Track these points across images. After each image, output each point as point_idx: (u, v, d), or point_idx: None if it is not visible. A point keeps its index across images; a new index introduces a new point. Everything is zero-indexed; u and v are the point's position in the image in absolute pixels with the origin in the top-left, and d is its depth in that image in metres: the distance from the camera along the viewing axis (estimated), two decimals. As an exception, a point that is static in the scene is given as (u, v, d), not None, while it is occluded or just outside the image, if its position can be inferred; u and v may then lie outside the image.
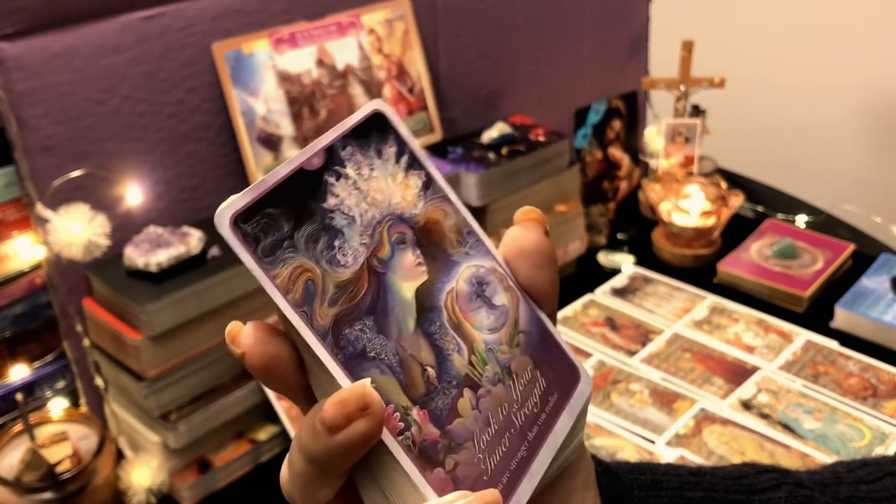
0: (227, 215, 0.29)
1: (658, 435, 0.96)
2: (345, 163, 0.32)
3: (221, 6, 0.98)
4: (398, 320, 0.31)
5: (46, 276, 0.92)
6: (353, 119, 0.33)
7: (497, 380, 0.33)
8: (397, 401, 0.30)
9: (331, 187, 0.31)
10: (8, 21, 0.83)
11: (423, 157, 0.34)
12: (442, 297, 0.33)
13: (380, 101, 0.34)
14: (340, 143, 0.32)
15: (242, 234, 0.29)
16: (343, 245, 0.31)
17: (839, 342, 1.08)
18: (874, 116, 1.89)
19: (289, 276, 0.29)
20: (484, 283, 0.34)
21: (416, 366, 0.31)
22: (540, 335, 0.35)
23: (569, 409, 0.35)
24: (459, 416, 0.31)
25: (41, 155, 0.88)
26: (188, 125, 0.98)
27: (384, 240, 0.32)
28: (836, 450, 0.92)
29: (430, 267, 0.33)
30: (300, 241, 0.30)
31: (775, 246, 1.25)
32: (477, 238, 0.35)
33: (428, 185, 0.34)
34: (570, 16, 1.36)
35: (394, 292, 0.31)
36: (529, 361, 0.34)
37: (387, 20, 1.11)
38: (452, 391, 0.31)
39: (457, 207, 0.35)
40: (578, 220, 1.23)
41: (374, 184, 0.32)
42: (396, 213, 0.33)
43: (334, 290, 0.30)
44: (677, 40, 1.34)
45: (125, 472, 0.89)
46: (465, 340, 0.32)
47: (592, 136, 1.31)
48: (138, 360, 0.87)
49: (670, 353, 1.09)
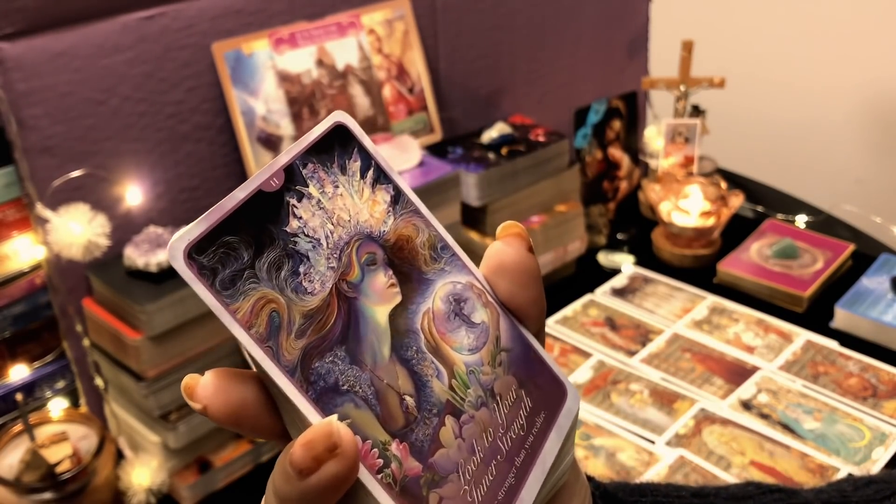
0: (181, 247, 0.27)
1: (658, 435, 0.96)
2: (307, 181, 0.29)
3: (221, 6, 0.98)
4: (372, 348, 0.29)
5: (46, 276, 0.92)
6: (313, 134, 0.31)
7: (480, 403, 0.31)
8: (375, 436, 0.28)
9: (293, 209, 0.29)
10: (8, 21, 0.83)
11: (390, 169, 0.32)
12: (418, 318, 0.30)
13: (341, 113, 0.32)
14: (301, 161, 0.30)
15: (198, 266, 0.27)
16: (309, 271, 0.28)
17: (839, 342, 1.08)
18: (874, 116, 1.89)
19: (251, 308, 0.27)
20: (462, 301, 0.32)
21: (393, 396, 0.29)
22: (523, 352, 0.33)
23: (557, 428, 0.32)
24: (442, 447, 0.29)
25: (41, 155, 0.88)
26: (188, 125, 0.98)
27: (353, 262, 0.30)
28: (835, 450, 0.93)
29: (403, 287, 0.31)
30: (262, 270, 0.28)
31: (775, 246, 1.25)
32: (452, 253, 0.33)
33: (397, 200, 0.32)
34: (570, 16, 1.36)
35: (366, 318, 0.29)
36: (513, 381, 0.32)
37: (387, 20, 1.11)
38: (433, 420, 0.29)
39: (429, 221, 0.33)
40: (578, 220, 1.23)
41: (339, 202, 0.30)
42: (365, 232, 0.30)
43: (301, 321, 0.28)
44: (677, 40, 1.34)
45: (125, 472, 0.89)
46: (444, 364, 0.30)
47: (592, 136, 1.31)
48: (138, 360, 0.87)
49: (670, 354, 1.09)
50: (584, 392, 1.03)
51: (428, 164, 1.10)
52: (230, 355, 0.94)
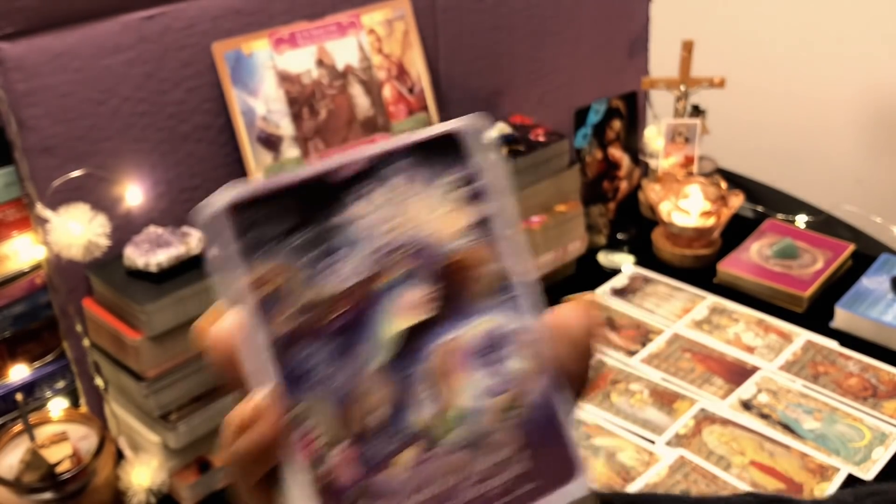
0: (227, 198, 0.27)
1: (658, 435, 0.96)
2: (386, 178, 0.29)
3: (221, 6, 0.98)
4: (365, 353, 0.29)
5: (46, 276, 0.92)
6: (425, 133, 0.30)
7: (461, 446, 0.29)
8: (327, 431, 0.28)
9: (354, 200, 0.29)
10: (8, 21, 0.83)
11: (501, 191, 0.31)
12: (438, 344, 0.29)
13: (474, 118, 0.31)
14: (393, 157, 0.29)
15: (236, 220, 0.27)
16: (339, 262, 0.28)
17: (839, 342, 1.08)
18: (874, 117, 1.89)
19: (263, 274, 0.27)
20: (499, 344, 0.30)
21: (364, 403, 0.28)
22: (546, 417, 0.31)
23: (543, 502, 0.30)
24: (391, 469, 0.28)
25: (41, 155, 0.88)
26: (188, 125, 0.98)
27: (393, 268, 0.29)
28: (835, 450, 0.93)
29: (438, 308, 0.30)
30: (291, 246, 0.28)
31: (775, 246, 1.25)
32: (516, 294, 0.31)
33: (483, 224, 0.30)
34: (570, 16, 1.36)
35: (374, 324, 0.29)
36: (518, 440, 0.30)
37: (387, 20, 1.11)
38: (397, 441, 0.28)
39: (509, 255, 0.31)
40: (578, 220, 1.23)
41: (411, 207, 0.29)
42: (423, 244, 0.30)
43: (306, 304, 0.28)
44: (677, 40, 1.34)
45: (125, 473, 0.89)
46: (442, 395, 0.29)
47: (592, 136, 1.31)
48: (138, 360, 0.87)
49: (670, 354, 1.09)
50: (584, 392, 1.03)
51: (428, 164, 1.10)
52: (230, 355, 0.94)
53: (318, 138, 1.05)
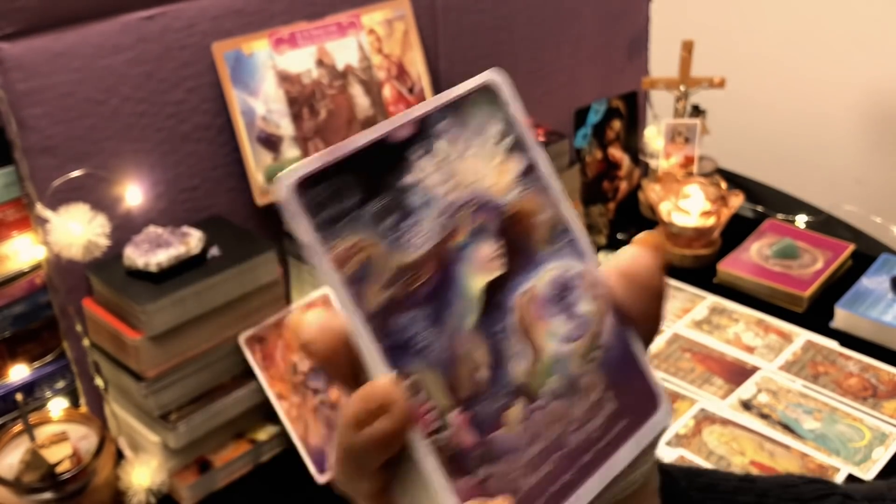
0: (294, 177, 0.27)
1: (658, 435, 0.96)
2: (438, 136, 0.29)
3: (221, 6, 0.98)
4: (458, 314, 0.28)
5: (46, 276, 0.92)
6: (460, 89, 0.30)
7: (558, 394, 0.30)
8: (438, 399, 0.27)
9: (416, 162, 0.29)
10: (8, 21, 0.83)
11: (531, 140, 0.31)
12: (515, 295, 0.30)
13: (494, 72, 0.31)
14: (438, 115, 0.29)
15: (305, 199, 0.27)
16: (415, 225, 0.28)
17: (839, 342, 1.08)
18: (874, 116, 1.89)
19: (346, 250, 0.27)
20: (568, 288, 0.31)
21: (467, 365, 0.28)
22: (622, 354, 0.32)
23: (636, 438, 0.31)
24: (504, 426, 0.29)
25: (41, 155, 0.88)
26: (188, 125, 0.98)
27: (463, 225, 0.29)
28: (835, 450, 0.93)
29: (509, 261, 0.30)
30: (367, 216, 0.27)
31: (775, 246, 1.25)
32: (573, 237, 0.32)
33: (528, 172, 0.31)
34: (570, 16, 1.36)
35: (460, 283, 0.29)
36: (602, 380, 0.31)
37: (387, 20, 1.11)
38: (503, 399, 0.29)
39: (557, 201, 0.32)
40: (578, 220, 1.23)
41: (466, 163, 0.30)
42: (485, 199, 0.30)
43: (394, 273, 0.28)
44: (677, 40, 1.34)
45: (125, 472, 0.89)
46: (531, 346, 0.30)
47: (592, 136, 1.31)
48: (138, 360, 0.87)
49: (670, 353, 1.09)
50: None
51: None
52: (230, 355, 0.94)
53: (318, 138, 1.05)
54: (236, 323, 0.94)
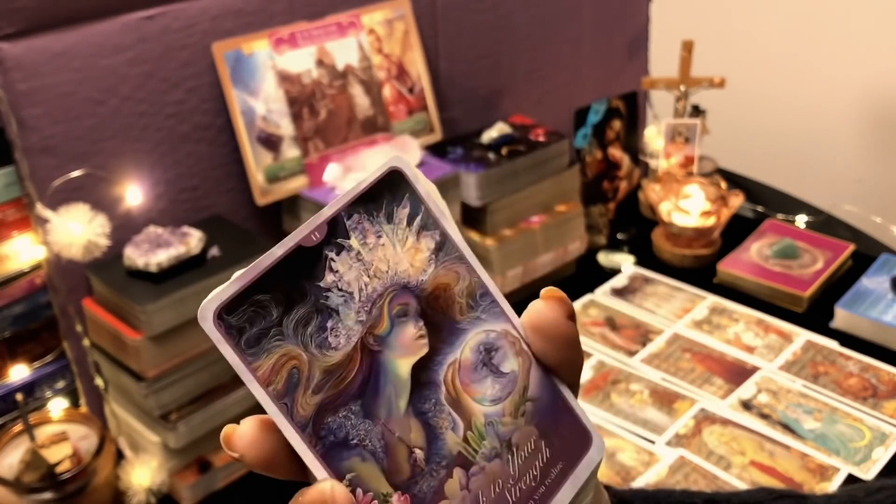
0: (212, 308, 0.28)
1: (658, 435, 0.96)
2: (349, 234, 0.30)
3: (221, 6, 0.98)
4: (388, 401, 0.30)
5: (46, 276, 0.92)
6: (365, 183, 0.31)
7: (493, 455, 0.31)
8: (377, 487, 0.29)
9: (330, 263, 0.30)
10: (8, 21, 0.83)
11: (440, 214, 0.33)
12: (442, 370, 0.31)
13: (398, 158, 0.32)
14: (346, 212, 0.30)
15: (226, 326, 0.28)
16: (336, 325, 0.29)
17: (839, 342, 1.08)
18: (874, 116, 1.89)
19: (272, 367, 0.28)
20: (492, 350, 0.32)
21: (402, 449, 0.30)
22: (551, 401, 0.33)
23: (572, 478, 0.32)
24: (445, 499, 0.30)
25: (41, 155, 0.88)
26: (188, 125, 0.98)
27: (384, 314, 0.30)
28: (835, 450, 0.93)
29: (432, 339, 0.31)
30: (289, 327, 0.28)
31: (775, 246, 1.25)
32: (491, 300, 0.33)
33: (441, 247, 0.32)
34: (570, 16, 1.36)
35: (388, 371, 0.30)
36: (534, 431, 0.32)
37: (387, 20, 1.11)
38: (441, 472, 0.30)
39: (472, 267, 0.33)
40: (578, 220, 1.23)
41: (379, 252, 0.31)
42: (402, 283, 0.31)
43: (321, 377, 0.29)
44: (677, 40, 1.34)
45: (125, 472, 0.89)
46: (462, 416, 0.31)
47: (592, 136, 1.31)
48: (138, 360, 0.87)
49: (670, 354, 1.09)
50: (584, 392, 1.03)
51: (428, 164, 1.10)
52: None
53: (318, 138, 1.05)
54: (236, 323, 0.94)
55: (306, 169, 1.04)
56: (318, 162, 1.05)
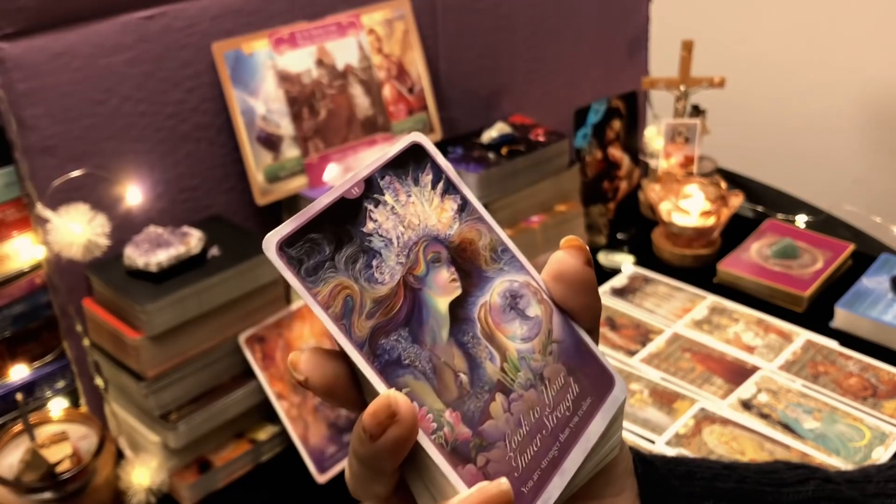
0: (274, 241, 0.32)
1: (658, 435, 0.96)
2: (383, 190, 0.35)
3: (221, 6, 0.98)
4: (432, 331, 0.33)
5: (46, 276, 0.92)
6: (391, 151, 0.36)
7: (529, 385, 0.35)
8: (431, 404, 0.32)
9: (370, 213, 0.34)
10: (8, 21, 0.83)
11: (459, 182, 0.37)
12: (475, 309, 0.35)
13: (417, 134, 0.37)
14: (379, 174, 0.35)
15: (287, 257, 0.32)
16: (380, 264, 0.33)
17: (839, 342, 1.08)
18: (874, 116, 1.89)
19: (329, 293, 0.32)
20: (517, 297, 0.36)
21: (449, 372, 0.33)
22: (574, 344, 0.37)
23: (602, 412, 0.36)
24: (491, 418, 0.33)
25: (41, 155, 0.88)
26: (188, 125, 0.98)
27: (420, 259, 0.35)
28: (835, 449, 0.93)
29: (464, 282, 0.35)
30: (340, 262, 0.33)
31: (775, 246, 1.25)
32: (511, 255, 0.37)
33: (463, 208, 0.37)
34: (570, 16, 1.36)
35: (428, 306, 0.34)
36: (562, 368, 0.36)
37: (387, 20, 1.11)
38: (485, 395, 0.33)
39: (491, 227, 0.37)
40: (578, 220, 1.23)
41: (410, 208, 0.35)
42: (432, 235, 0.35)
43: (371, 305, 0.32)
44: (677, 40, 1.34)
45: (125, 472, 0.89)
46: (497, 349, 0.35)
47: (592, 136, 1.32)
48: (138, 360, 0.87)
49: (670, 353, 1.09)
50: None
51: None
52: (230, 355, 0.94)
53: (317, 138, 1.05)
54: (236, 323, 0.94)
55: (306, 169, 1.04)
56: (317, 162, 1.05)
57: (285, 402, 0.95)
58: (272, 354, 0.95)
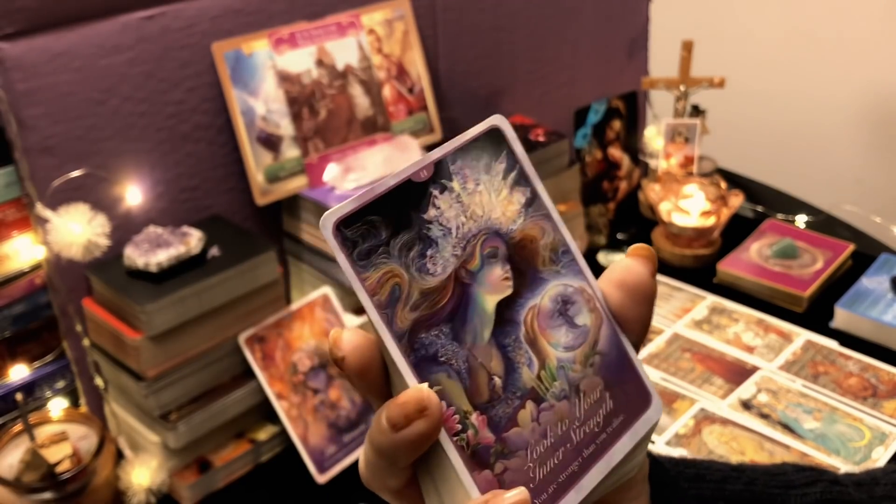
0: (332, 219, 0.31)
1: (658, 435, 0.96)
2: (452, 176, 0.33)
3: (221, 6, 0.98)
4: (474, 330, 0.33)
5: (46, 276, 0.92)
6: (469, 134, 0.34)
7: (563, 396, 0.34)
8: (459, 404, 0.32)
9: (434, 199, 0.33)
10: (8, 21, 0.83)
11: (532, 174, 0.36)
12: (523, 312, 0.34)
13: (499, 117, 0.35)
14: (451, 158, 0.34)
15: (342, 237, 0.31)
16: (434, 255, 0.32)
17: (839, 342, 1.08)
18: (874, 116, 1.89)
19: (378, 279, 0.31)
20: (569, 302, 0.35)
21: (483, 374, 0.32)
22: (617, 358, 0.36)
23: (631, 432, 0.35)
24: (517, 426, 0.33)
25: (41, 155, 0.88)
26: (188, 125, 0.98)
27: (476, 253, 0.33)
28: (835, 449, 0.93)
29: (517, 282, 0.34)
30: (394, 249, 0.32)
31: (775, 246, 1.25)
32: (571, 258, 0.36)
33: (531, 203, 0.35)
34: (570, 16, 1.36)
35: (475, 303, 0.33)
36: (600, 382, 0.35)
37: (387, 20, 1.11)
38: (515, 402, 0.33)
39: (556, 226, 0.36)
40: (578, 220, 1.23)
41: (476, 198, 0.34)
42: (494, 228, 0.34)
43: (418, 297, 0.32)
44: (677, 40, 1.34)
45: (125, 472, 0.89)
46: (537, 355, 0.34)
47: (592, 136, 1.32)
48: (138, 360, 0.87)
49: (670, 353, 1.09)
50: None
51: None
52: (230, 355, 0.94)
53: (317, 138, 1.05)
54: (236, 323, 0.94)
55: (306, 169, 1.04)
56: (317, 162, 1.05)
57: (285, 402, 0.95)
58: (272, 354, 0.95)
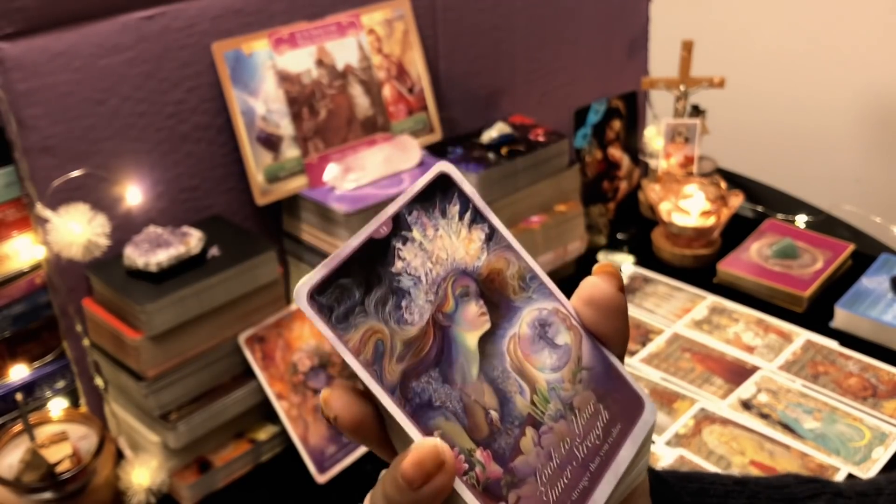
0: (305, 291, 0.31)
1: (658, 435, 0.96)
2: (411, 227, 0.34)
3: (221, 6, 0.98)
4: (462, 369, 0.33)
5: (46, 276, 0.92)
6: (419, 185, 0.35)
7: (559, 416, 0.35)
8: (462, 444, 0.32)
9: (398, 252, 0.34)
10: (8, 21, 0.83)
11: (486, 210, 0.37)
12: (504, 342, 0.35)
13: (444, 164, 0.36)
14: (407, 209, 0.34)
15: (318, 305, 0.31)
16: (409, 304, 0.33)
17: (839, 342, 1.08)
18: (874, 116, 1.89)
19: (360, 339, 0.32)
20: (546, 325, 0.36)
21: (479, 410, 0.33)
22: (603, 370, 0.37)
23: (632, 438, 0.36)
24: (521, 454, 0.33)
25: (41, 155, 0.88)
26: (188, 125, 0.98)
27: (448, 295, 0.34)
28: (835, 450, 0.93)
29: (493, 315, 0.35)
30: (370, 306, 0.32)
31: (775, 246, 1.25)
32: (539, 282, 0.37)
33: (490, 237, 0.36)
34: (570, 16, 1.36)
35: (458, 343, 0.34)
36: (592, 396, 0.36)
37: (387, 20, 1.11)
38: (515, 431, 0.33)
39: (519, 254, 0.37)
40: (578, 220, 1.23)
41: (438, 243, 0.35)
42: (460, 268, 0.35)
43: (402, 347, 0.32)
44: (677, 40, 1.34)
45: (125, 472, 0.89)
46: (527, 382, 0.34)
47: (592, 136, 1.32)
48: (138, 360, 0.87)
49: (670, 353, 1.09)
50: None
51: (428, 164, 1.10)
52: (230, 355, 0.94)
53: (317, 138, 1.05)
54: (236, 323, 0.94)
55: (306, 169, 1.04)
56: (317, 162, 1.05)
57: (285, 402, 0.95)
58: (272, 354, 0.95)
